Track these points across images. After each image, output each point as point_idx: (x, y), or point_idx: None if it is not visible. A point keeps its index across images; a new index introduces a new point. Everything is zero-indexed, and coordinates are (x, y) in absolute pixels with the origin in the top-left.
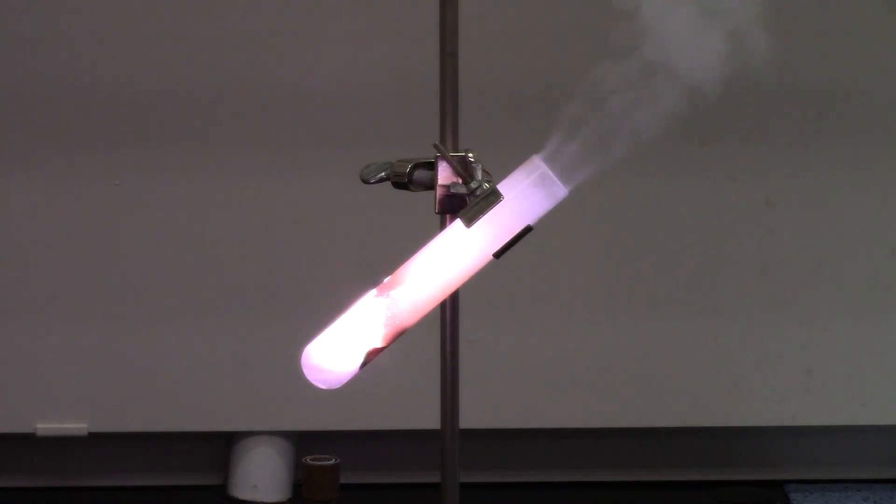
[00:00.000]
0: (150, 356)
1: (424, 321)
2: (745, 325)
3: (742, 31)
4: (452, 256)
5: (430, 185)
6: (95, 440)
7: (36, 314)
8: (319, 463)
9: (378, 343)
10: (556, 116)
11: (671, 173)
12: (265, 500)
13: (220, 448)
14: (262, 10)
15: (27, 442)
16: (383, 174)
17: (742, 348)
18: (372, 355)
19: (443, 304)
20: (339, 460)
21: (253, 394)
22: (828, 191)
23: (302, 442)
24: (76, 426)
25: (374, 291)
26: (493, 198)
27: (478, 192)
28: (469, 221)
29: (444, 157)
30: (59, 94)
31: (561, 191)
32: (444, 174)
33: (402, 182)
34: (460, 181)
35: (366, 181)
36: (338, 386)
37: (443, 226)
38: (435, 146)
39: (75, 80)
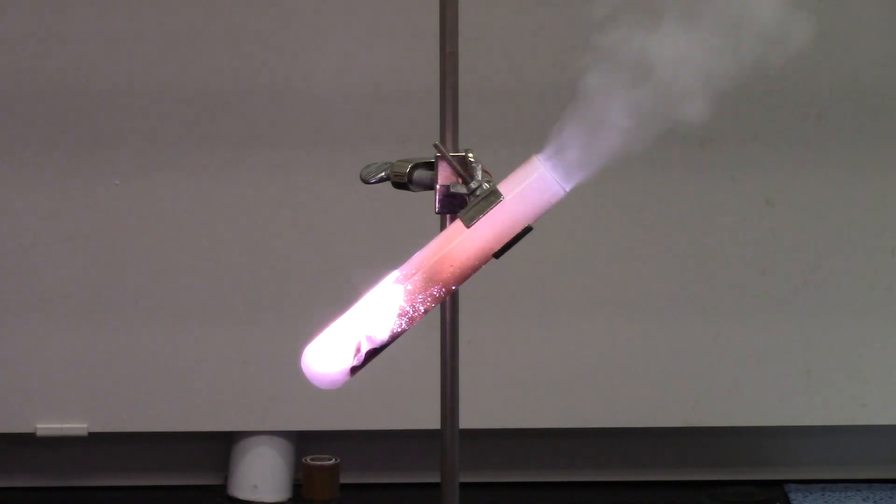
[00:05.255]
0: (150, 356)
1: (424, 321)
2: (745, 325)
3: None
4: (452, 256)
5: (430, 185)
6: (95, 440)
7: (36, 314)
8: (319, 463)
9: (378, 343)
10: (554, 117)
11: (671, 173)
12: (265, 500)
13: (220, 448)
14: (261, 10)
15: (27, 442)
16: (383, 174)
17: (742, 348)
18: (372, 355)
19: (443, 304)
20: (339, 460)
21: (253, 394)
22: (828, 191)
23: (302, 442)
24: (76, 426)
25: (373, 292)
26: (493, 198)
27: (478, 192)
28: (469, 221)
29: (444, 157)
30: (59, 94)
31: (560, 191)
32: (444, 174)
33: (402, 182)
34: (460, 181)
35: (366, 181)
36: (338, 386)
37: (443, 226)
38: (435, 146)
39: (75, 80)
